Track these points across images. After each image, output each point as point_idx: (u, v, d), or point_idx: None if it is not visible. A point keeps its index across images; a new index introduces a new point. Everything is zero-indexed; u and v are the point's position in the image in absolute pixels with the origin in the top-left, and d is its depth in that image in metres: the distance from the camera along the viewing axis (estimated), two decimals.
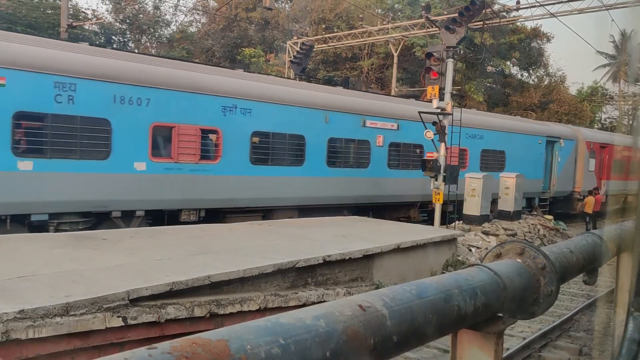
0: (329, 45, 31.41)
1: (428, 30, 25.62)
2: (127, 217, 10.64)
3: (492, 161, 19.26)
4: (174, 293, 5.91)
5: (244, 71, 13.39)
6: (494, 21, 21.24)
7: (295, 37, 31.39)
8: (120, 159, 10.29)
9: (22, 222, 9.49)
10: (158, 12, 36.82)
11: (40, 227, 9.59)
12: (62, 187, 9.65)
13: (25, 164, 9.25)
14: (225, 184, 11.81)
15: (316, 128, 13.54)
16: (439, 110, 13.86)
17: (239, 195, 12.12)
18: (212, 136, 11.57)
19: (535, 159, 20.92)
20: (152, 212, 11.04)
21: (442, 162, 14.03)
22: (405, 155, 15.94)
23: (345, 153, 14.47)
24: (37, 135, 9.45)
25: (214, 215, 11.92)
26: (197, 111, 11.21)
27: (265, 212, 13.00)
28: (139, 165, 10.51)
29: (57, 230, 9.69)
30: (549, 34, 39.36)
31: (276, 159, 12.87)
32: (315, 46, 27.28)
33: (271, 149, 12.70)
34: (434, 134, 13.92)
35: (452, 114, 14.19)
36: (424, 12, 19.26)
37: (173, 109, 10.89)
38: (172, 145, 11.01)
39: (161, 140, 10.93)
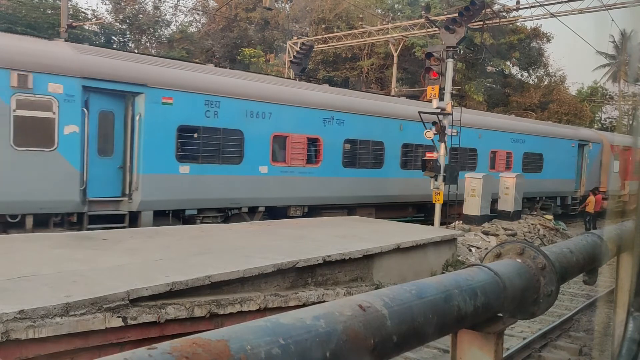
0: (329, 46, 31.41)
1: (428, 30, 25.62)
2: (252, 212, 12.77)
3: (532, 163, 21.11)
4: (174, 293, 5.91)
5: (341, 87, 16.01)
6: (493, 21, 21.26)
7: (295, 37, 31.39)
8: (250, 164, 12.35)
9: (178, 217, 11.46)
10: (158, 12, 36.83)
11: (189, 220, 11.57)
12: (209, 187, 11.65)
13: (184, 168, 11.29)
14: (324, 184, 13.89)
15: (393, 135, 15.60)
16: (440, 110, 13.86)
17: (333, 194, 14.20)
18: (315, 143, 13.89)
19: (569, 161, 22.82)
20: (269, 208, 13.06)
21: (442, 162, 14.04)
22: (462, 158, 17.58)
23: (415, 156, 16.36)
24: (193, 144, 11.46)
25: (313, 210, 13.96)
26: (305, 122, 13.20)
27: (350, 209, 14.87)
28: (262, 168, 12.60)
29: (202, 222, 11.76)
30: (548, 34, 39.39)
31: (362, 162, 15.02)
32: (315, 46, 27.28)
33: (358, 154, 14.89)
34: (434, 134, 13.93)
35: (451, 114, 14.20)
36: (423, 12, 19.27)
37: (287, 121, 12.97)
38: (286, 152, 13.13)
39: (278, 148, 13.04)
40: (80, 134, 9.96)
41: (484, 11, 16.35)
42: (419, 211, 16.98)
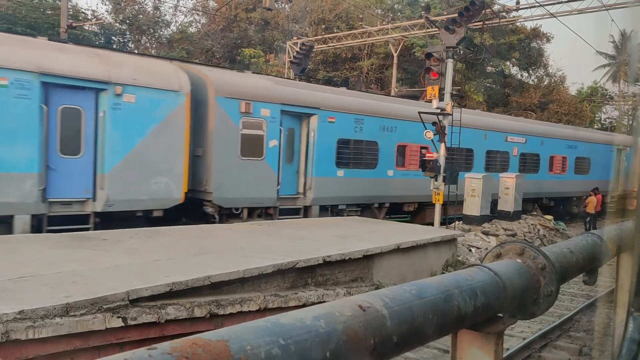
0: (329, 46, 31.42)
1: (428, 30, 25.63)
2: (379, 208, 15.70)
3: (582, 166, 24.42)
4: (173, 293, 5.91)
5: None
6: (493, 21, 21.27)
7: (295, 38, 31.40)
8: (381, 168, 15.47)
9: (333, 211, 14.49)
10: (158, 12, 36.84)
11: (340, 213, 14.53)
12: (355, 187, 14.65)
13: (340, 172, 14.36)
14: (406, 184, 16.43)
15: (479, 143, 18.67)
16: (440, 111, 13.86)
17: (416, 192, 16.77)
18: (424, 151, 16.01)
19: (608, 164, 25.58)
20: (392, 204, 16.03)
21: (441, 162, 14.05)
22: (530, 162, 21.26)
23: (494, 160, 19.70)
24: (345, 153, 14.49)
25: (421, 206, 16.81)
26: (416, 134, 15.19)
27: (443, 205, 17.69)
28: (390, 172, 15.74)
29: (347, 215, 14.61)
30: (548, 34, 39.39)
31: (468, 166, 18.14)
32: (315, 46, 27.29)
33: (455, 160, 17.06)
34: (434, 134, 13.94)
35: (450, 114, 14.21)
36: (423, 12, 19.28)
37: (407, 133, 15.87)
38: (405, 158, 16.26)
39: (399, 155, 16.05)
40: (278, 147, 12.95)
41: (483, 11, 16.35)
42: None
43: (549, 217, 19.64)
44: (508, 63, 38.66)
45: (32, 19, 26.46)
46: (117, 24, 34.76)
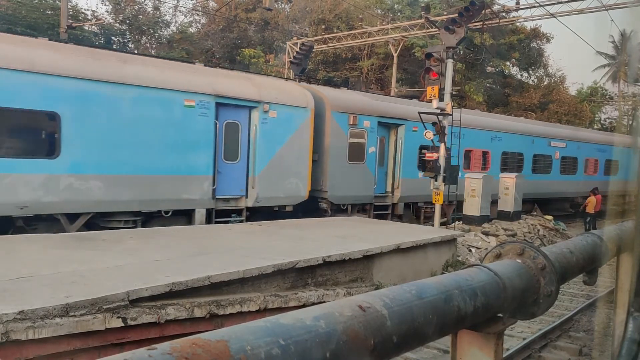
0: (329, 46, 31.42)
1: (428, 30, 25.63)
2: (449, 205, 17.14)
3: (610, 168, 26.87)
4: (173, 294, 5.90)
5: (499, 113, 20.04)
6: (493, 22, 21.27)
7: (294, 38, 31.41)
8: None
9: (413, 208, 17.10)
10: (158, 12, 36.84)
11: (419, 209, 17.10)
12: (424, 187, 15.72)
13: (420, 174, 16.14)
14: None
15: (528, 148, 21.29)
16: (440, 111, 13.86)
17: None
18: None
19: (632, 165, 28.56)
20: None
21: (441, 162, 14.05)
22: (569, 164, 23.80)
23: (539, 164, 22.09)
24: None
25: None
26: (479, 140, 18.60)
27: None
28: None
29: (424, 211, 17.17)
30: (548, 35, 39.41)
31: (508, 169, 20.17)
32: (315, 47, 27.29)
33: (509, 162, 20.40)
34: (434, 134, 13.94)
35: (451, 114, 14.21)
36: (423, 12, 19.28)
37: (471, 140, 17.89)
38: (470, 161, 18.79)
39: (465, 159, 18.20)
40: (375, 153, 15.39)
41: (483, 11, 16.35)
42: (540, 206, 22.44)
43: (549, 217, 19.64)
44: (508, 63, 38.67)
45: (32, 19, 26.46)
46: (117, 24, 34.76)
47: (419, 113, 13.72)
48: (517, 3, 22.54)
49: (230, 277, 6.56)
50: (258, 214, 12.91)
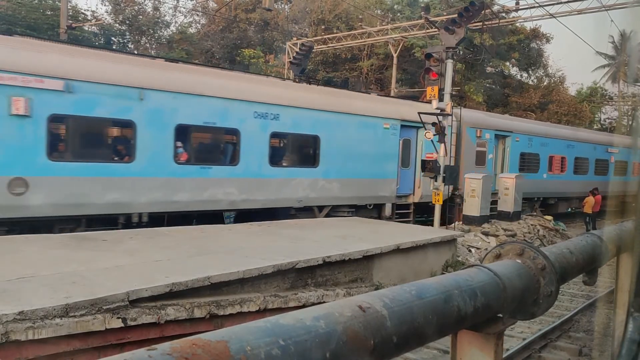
0: (329, 46, 31.42)
1: (427, 31, 25.64)
2: (536, 201, 21.24)
3: None
4: (173, 294, 5.90)
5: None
6: (493, 22, 21.28)
7: (294, 38, 31.40)
8: (541, 172, 21.23)
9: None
10: (157, 13, 36.84)
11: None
12: (527, 185, 18.61)
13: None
14: (553, 184, 22.02)
15: (590, 153, 24.44)
16: (440, 111, 13.87)
17: (557, 190, 22.39)
18: (563, 160, 22.74)
19: None
20: (544, 199, 21.75)
21: (441, 162, 14.05)
22: (620, 167, 26.35)
23: (599, 167, 25.07)
24: (523, 161, 20.37)
25: (562, 201, 23.03)
26: (559, 147, 22.08)
27: (557, 200, 22.82)
28: (544, 175, 21.47)
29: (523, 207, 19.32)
30: (548, 35, 39.41)
31: (579, 171, 23.54)
32: (315, 47, 27.29)
33: (579, 166, 23.62)
34: (434, 135, 13.95)
35: (450, 114, 14.23)
36: (423, 13, 19.28)
37: (552, 147, 21.86)
38: (552, 164, 21.81)
39: (549, 162, 21.69)
40: (492, 159, 19.07)
41: (483, 12, 16.35)
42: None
43: (549, 217, 19.64)
44: (508, 63, 38.68)
45: (31, 20, 26.47)
46: (117, 25, 34.76)
47: (419, 113, 13.74)
48: (517, 3, 22.56)
49: (230, 278, 6.56)
50: (419, 208, 16.60)
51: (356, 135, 14.19)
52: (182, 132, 11.02)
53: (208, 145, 12.36)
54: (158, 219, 10.84)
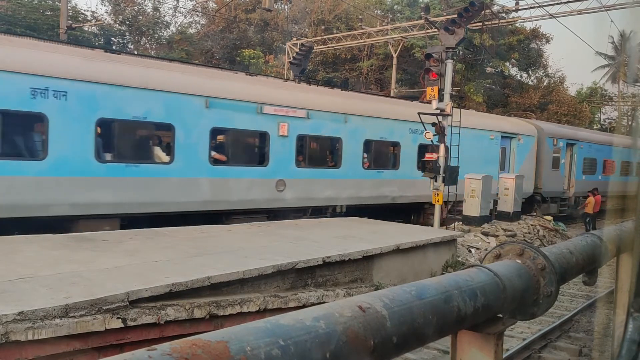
0: (329, 47, 31.42)
1: (427, 31, 25.64)
2: (556, 199, 23.53)
3: None
4: (173, 294, 5.90)
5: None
6: (493, 22, 21.28)
7: (294, 39, 31.42)
8: (598, 173, 25.24)
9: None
10: (157, 13, 36.84)
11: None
12: (586, 185, 22.19)
13: (583, 177, 23.80)
14: (606, 184, 24.34)
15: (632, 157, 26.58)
16: (440, 111, 13.87)
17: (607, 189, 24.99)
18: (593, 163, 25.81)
19: None
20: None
21: (441, 162, 14.05)
22: None
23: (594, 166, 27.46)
24: (585, 164, 24.30)
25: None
26: (610, 152, 26.08)
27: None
28: (599, 176, 25.14)
29: (581, 203, 21.83)
30: (548, 35, 39.41)
31: (623, 172, 26.53)
32: (315, 47, 27.29)
33: (623, 168, 26.75)
34: (434, 135, 13.95)
35: (450, 114, 14.23)
36: (423, 13, 19.28)
37: (606, 152, 25.87)
38: (605, 167, 25.86)
39: (588, 164, 24.82)
40: (564, 163, 22.76)
41: (483, 12, 16.36)
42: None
43: (549, 217, 19.65)
44: (507, 64, 38.67)
45: (31, 20, 26.47)
46: (117, 25, 34.75)
47: (419, 113, 13.72)
48: (517, 4, 22.56)
49: (230, 278, 6.56)
50: (543, 201, 20.91)
51: (472, 145, 16.98)
52: (367, 145, 14.99)
53: (386, 155, 16.03)
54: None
